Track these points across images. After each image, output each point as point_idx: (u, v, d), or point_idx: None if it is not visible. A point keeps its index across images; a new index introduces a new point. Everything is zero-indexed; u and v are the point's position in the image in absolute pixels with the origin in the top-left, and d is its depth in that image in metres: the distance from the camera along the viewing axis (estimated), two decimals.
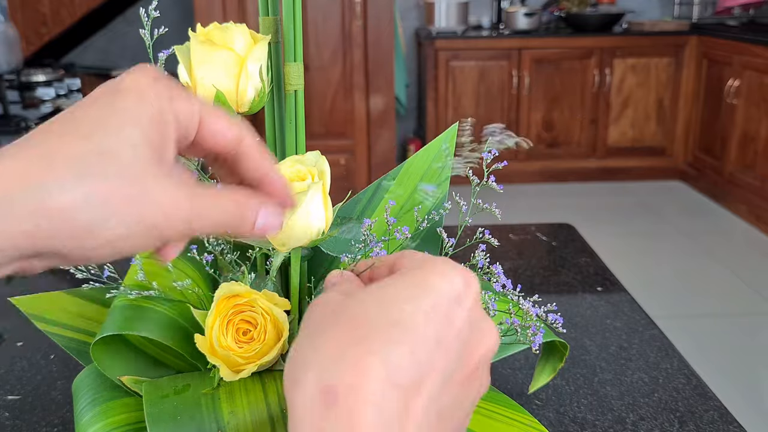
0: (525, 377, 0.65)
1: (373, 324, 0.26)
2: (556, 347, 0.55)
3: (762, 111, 3.28)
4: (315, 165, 0.40)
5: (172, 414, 0.38)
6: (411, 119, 4.34)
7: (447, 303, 0.27)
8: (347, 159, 3.46)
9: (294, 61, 0.43)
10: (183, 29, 0.48)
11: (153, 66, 0.30)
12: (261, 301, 0.42)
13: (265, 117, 0.46)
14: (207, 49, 0.40)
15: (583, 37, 3.87)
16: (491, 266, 0.44)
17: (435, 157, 0.51)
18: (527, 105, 3.92)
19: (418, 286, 0.27)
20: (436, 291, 0.27)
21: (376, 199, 0.51)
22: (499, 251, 0.95)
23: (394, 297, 0.27)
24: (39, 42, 3.18)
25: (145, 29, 0.43)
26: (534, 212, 3.55)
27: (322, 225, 0.40)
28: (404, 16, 4.14)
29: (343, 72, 3.35)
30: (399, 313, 0.26)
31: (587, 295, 0.83)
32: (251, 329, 0.41)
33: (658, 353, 0.70)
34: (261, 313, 0.41)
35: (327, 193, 0.40)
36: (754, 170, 3.35)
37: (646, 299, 1.72)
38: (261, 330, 0.41)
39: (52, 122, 0.27)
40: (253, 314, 0.41)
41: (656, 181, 4.04)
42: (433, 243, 0.49)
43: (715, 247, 3.13)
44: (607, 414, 0.60)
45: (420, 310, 0.26)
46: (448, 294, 0.27)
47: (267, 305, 0.41)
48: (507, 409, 0.44)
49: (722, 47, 3.60)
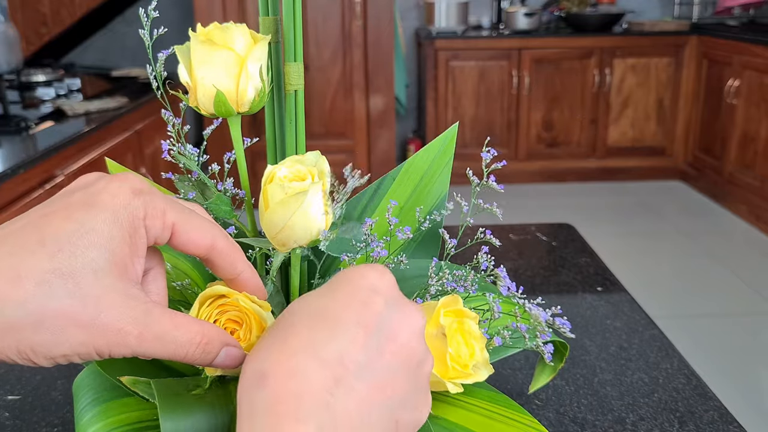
0: (525, 377, 0.65)
1: (296, 317, 0.29)
2: (556, 347, 0.55)
3: (762, 111, 3.28)
4: (315, 165, 0.40)
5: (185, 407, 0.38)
6: (411, 119, 4.34)
7: (363, 292, 0.30)
8: (347, 159, 3.46)
9: (294, 61, 0.43)
10: (183, 29, 0.48)
11: (134, 176, 0.31)
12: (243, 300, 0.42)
13: (265, 117, 0.46)
14: (207, 49, 0.40)
15: (583, 37, 3.87)
16: (496, 269, 0.44)
17: (435, 157, 0.51)
18: (527, 105, 3.92)
19: (334, 283, 0.31)
20: (351, 283, 0.30)
21: (376, 199, 0.51)
22: (499, 251, 0.95)
23: (314, 295, 0.31)
24: (39, 42, 3.18)
25: (144, 29, 0.43)
26: (534, 212, 3.55)
27: (322, 225, 0.40)
28: (404, 16, 4.14)
29: (343, 72, 3.35)
30: (318, 304, 0.30)
31: (587, 295, 0.83)
32: (237, 328, 0.41)
33: (658, 353, 0.70)
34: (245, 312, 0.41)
35: (327, 193, 0.40)
36: (754, 170, 3.35)
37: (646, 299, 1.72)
38: (246, 329, 0.41)
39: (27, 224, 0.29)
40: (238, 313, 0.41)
41: (656, 181, 4.04)
42: (433, 244, 0.49)
43: (715, 247, 3.13)
44: (607, 414, 0.60)
45: (337, 300, 0.30)
46: (362, 284, 0.30)
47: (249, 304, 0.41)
48: (507, 410, 0.44)
49: (722, 47, 3.60)
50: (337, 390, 0.27)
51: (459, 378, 0.37)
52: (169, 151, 0.45)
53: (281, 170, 0.39)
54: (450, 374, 0.37)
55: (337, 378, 0.27)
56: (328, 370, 0.27)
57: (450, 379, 0.37)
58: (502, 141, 3.94)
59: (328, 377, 0.27)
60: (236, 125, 0.43)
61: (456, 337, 0.38)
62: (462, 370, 0.37)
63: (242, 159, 0.45)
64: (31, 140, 1.82)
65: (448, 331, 0.37)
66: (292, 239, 0.39)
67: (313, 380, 0.26)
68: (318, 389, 0.26)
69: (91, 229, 0.28)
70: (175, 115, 0.45)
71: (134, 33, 3.81)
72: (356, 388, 0.27)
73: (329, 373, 0.27)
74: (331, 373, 0.27)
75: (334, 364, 0.27)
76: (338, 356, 0.27)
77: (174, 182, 0.45)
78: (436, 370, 0.37)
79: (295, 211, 0.38)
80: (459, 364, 0.37)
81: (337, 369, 0.27)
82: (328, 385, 0.27)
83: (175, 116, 0.45)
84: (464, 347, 0.38)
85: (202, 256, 0.34)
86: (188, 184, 0.45)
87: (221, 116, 0.42)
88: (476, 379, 0.38)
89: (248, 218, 0.46)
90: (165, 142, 0.45)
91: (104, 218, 0.29)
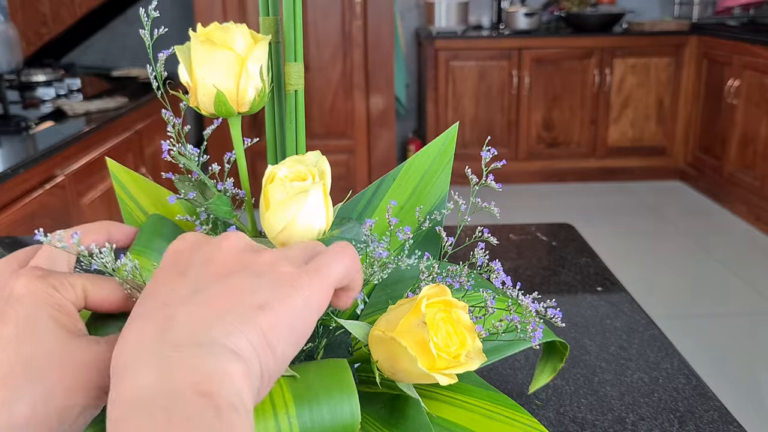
0: (525, 377, 0.65)
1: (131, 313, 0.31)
2: (556, 347, 0.55)
3: (762, 111, 3.28)
4: (315, 165, 0.40)
5: None
6: (411, 119, 4.34)
7: (168, 260, 0.32)
8: (347, 159, 3.46)
9: (294, 61, 0.43)
10: (183, 29, 0.48)
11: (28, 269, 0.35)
12: None
13: (266, 117, 0.46)
14: (208, 49, 0.40)
15: (583, 37, 3.87)
16: (491, 263, 0.44)
17: (435, 157, 0.51)
18: (527, 105, 3.92)
19: None
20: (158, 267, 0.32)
21: (375, 199, 0.51)
22: (499, 251, 0.95)
23: None
24: (39, 42, 3.18)
25: (145, 29, 0.43)
26: (534, 212, 3.55)
27: (322, 225, 0.40)
28: (404, 16, 4.14)
29: (343, 72, 3.35)
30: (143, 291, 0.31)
31: (587, 295, 0.83)
32: None
33: (658, 353, 0.70)
34: None
35: (328, 193, 0.40)
36: (754, 170, 3.35)
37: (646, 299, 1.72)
38: None
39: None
40: None
41: (656, 181, 4.04)
42: (433, 244, 0.49)
43: (715, 247, 3.13)
44: (607, 414, 0.60)
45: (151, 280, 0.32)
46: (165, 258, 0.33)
47: None
48: (507, 409, 0.44)
49: (722, 47, 3.60)
50: (170, 323, 0.27)
51: (450, 368, 0.37)
52: (169, 151, 0.45)
53: (282, 170, 0.39)
54: (438, 365, 0.37)
55: (168, 315, 0.28)
56: (155, 319, 0.28)
57: (440, 371, 0.37)
58: (502, 141, 3.94)
59: (158, 321, 0.28)
60: (236, 125, 0.43)
61: (445, 327, 0.37)
62: (452, 359, 0.37)
63: (242, 159, 0.45)
64: (31, 140, 1.82)
65: (432, 320, 0.37)
66: (293, 239, 0.39)
67: (142, 336, 0.27)
68: (150, 336, 0.27)
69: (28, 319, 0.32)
70: (175, 115, 0.45)
71: (135, 33, 3.81)
72: (191, 311, 0.28)
73: (158, 319, 0.28)
74: (159, 318, 0.28)
75: (160, 311, 0.28)
76: (163, 302, 0.29)
77: (174, 182, 0.45)
78: (422, 362, 0.37)
79: (297, 211, 0.38)
80: (448, 353, 0.37)
81: (164, 312, 0.28)
82: (158, 327, 0.27)
83: (176, 116, 0.45)
84: (454, 336, 0.38)
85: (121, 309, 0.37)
86: (188, 184, 0.45)
87: (221, 116, 0.42)
88: (468, 368, 0.37)
89: (248, 218, 0.46)
90: (165, 142, 0.45)
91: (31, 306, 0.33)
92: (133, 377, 0.26)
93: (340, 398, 0.36)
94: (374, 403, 0.42)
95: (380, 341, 0.38)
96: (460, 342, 0.37)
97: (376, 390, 0.42)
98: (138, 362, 0.26)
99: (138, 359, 0.26)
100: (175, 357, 0.26)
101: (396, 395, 0.41)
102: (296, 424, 0.35)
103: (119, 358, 0.27)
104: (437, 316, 0.37)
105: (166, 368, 0.25)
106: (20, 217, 1.61)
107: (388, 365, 0.39)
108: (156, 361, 0.26)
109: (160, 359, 0.26)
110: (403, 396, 0.41)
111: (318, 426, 0.35)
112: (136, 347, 0.27)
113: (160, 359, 0.26)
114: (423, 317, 0.37)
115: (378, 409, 0.41)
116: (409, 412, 0.40)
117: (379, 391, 0.41)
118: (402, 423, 0.40)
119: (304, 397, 0.35)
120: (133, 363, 0.26)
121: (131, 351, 0.27)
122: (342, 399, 0.36)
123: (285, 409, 0.35)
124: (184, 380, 0.25)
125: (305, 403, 0.35)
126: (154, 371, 0.25)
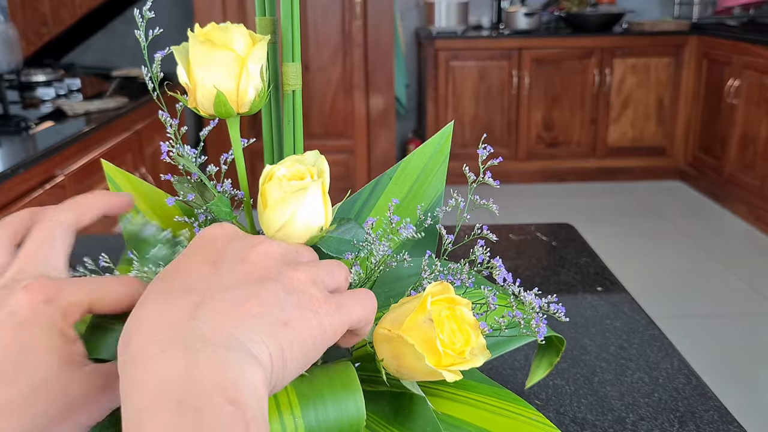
0: (525, 377, 0.65)
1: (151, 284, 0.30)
2: (552, 342, 0.55)
3: (762, 111, 3.28)
4: (314, 164, 0.40)
5: None
6: (411, 119, 4.34)
7: (204, 241, 0.32)
8: (347, 159, 3.46)
9: (292, 61, 0.43)
10: (183, 29, 0.48)
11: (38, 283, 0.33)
12: None
13: (262, 117, 0.46)
14: (207, 50, 0.40)
15: (583, 37, 3.87)
16: (492, 260, 0.44)
17: (431, 156, 0.51)
18: (527, 105, 3.92)
19: None
20: (194, 242, 0.32)
21: (373, 198, 0.51)
22: (499, 251, 0.95)
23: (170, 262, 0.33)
24: (39, 42, 3.18)
25: (141, 30, 0.43)
26: (534, 212, 3.55)
27: (321, 223, 0.40)
28: (404, 16, 4.14)
29: (343, 72, 3.35)
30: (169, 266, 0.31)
31: (587, 295, 0.83)
32: None
33: (658, 353, 0.69)
34: None
35: (327, 192, 0.40)
36: (753, 170, 3.35)
37: (646, 299, 1.72)
38: None
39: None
40: None
41: (656, 181, 4.04)
42: (430, 243, 0.49)
43: (715, 247, 3.13)
44: (607, 414, 0.60)
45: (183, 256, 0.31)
46: (203, 237, 0.32)
47: None
48: (511, 404, 0.44)
49: (722, 47, 3.60)
50: (197, 312, 0.27)
51: (455, 365, 0.37)
52: (169, 152, 0.45)
53: (280, 170, 0.39)
54: (444, 362, 0.37)
55: (196, 303, 0.27)
56: (182, 302, 0.28)
57: (445, 367, 0.37)
58: (502, 141, 3.94)
59: (186, 307, 0.27)
60: (235, 126, 0.43)
61: (450, 324, 0.38)
62: (457, 356, 0.37)
63: (241, 159, 0.45)
64: (31, 140, 1.82)
65: (438, 317, 0.37)
66: (292, 237, 0.39)
67: (168, 317, 0.27)
68: (177, 321, 0.27)
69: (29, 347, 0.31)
70: (173, 116, 0.45)
71: (134, 33, 3.81)
72: (218, 306, 0.27)
73: (186, 303, 0.27)
74: (187, 303, 0.27)
75: (188, 295, 0.28)
76: (191, 287, 0.28)
77: (173, 184, 0.45)
78: (429, 359, 0.37)
79: (296, 209, 0.38)
80: (453, 350, 0.37)
81: (193, 297, 0.28)
82: (187, 313, 0.27)
83: (173, 117, 0.45)
84: (459, 334, 0.38)
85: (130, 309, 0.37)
86: (187, 185, 0.45)
87: (221, 117, 0.42)
88: (473, 365, 0.37)
89: (247, 219, 0.46)
90: (164, 143, 0.45)
91: (35, 332, 0.32)
92: (159, 362, 0.25)
93: (345, 396, 0.36)
94: (378, 402, 0.42)
95: (386, 339, 0.38)
96: (465, 339, 0.38)
97: (378, 389, 0.42)
98: (163, 345, 0.26)
99: (162, 341, 0.26)
100: (202, 352, 0.25)
101: (399, 393, 0.41)
102: (302, 424, 0.34)
103: (140, 329, 0.27)
104: (442, 313, 0.37)
105: (192, 362, 0.25)
106: None
107: (394, 363, 0.39)
108: (184, 351, 0.25)
109: (187, 350, 0.25)
110: (407, 394, 0.41)
111: (323, 425, 0.35)
112: (161, 326, 0.27)
113: (188, 350, 0.25)
114: (429, 314, 0.37)
115: (383, 408, 0.41)
116: (415, 409, 0.40)
117: (382, 389, 0.41)
118: (409, 421, 0.40)
119: (309, 397, 0.35)
120: (158, 344, 0.26)
121: (154, 328, 0.27)
122: (346, 396, 0.36)
123: (290, 409, 0.35)
124: (210, 379, 0.25)
125: (310, 403, 0.35)
126: (181, 362, 0.25)
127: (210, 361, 0.25)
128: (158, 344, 0.26)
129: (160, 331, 0.26)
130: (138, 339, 0.27)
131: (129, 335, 0.27)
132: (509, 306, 0.44)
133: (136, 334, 0.27)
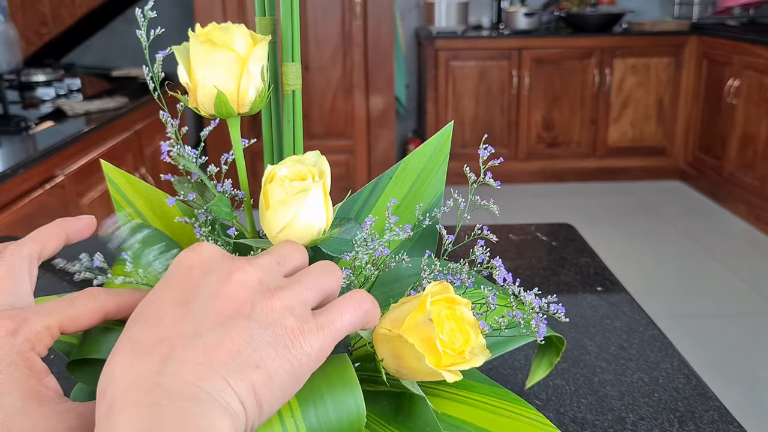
0: (525, 377, 0.65)
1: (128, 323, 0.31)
2: (552, 342, 0.55)
3: (762, 111, 3.28)
4: (315, 164, 0.40)
5: None
6: (411, 119, 4.34)
7: (179, 272, 0.31)
8: (347, 159, 3.46)
9: (292, 61, 0.43)
10: (183, 29, 0.48)
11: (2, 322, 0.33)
12: None
13: (262, 118, 0.46)
14: (208, 50, 0.40)
15: (583, 37, 3.87)
16: (492, 260, 0.44)
17: (431, 156, 0.51)
18: (527, 105, 3.92)
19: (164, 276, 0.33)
20: (170, 270, 0.32)
21: (372, 198, 0.51)
22: (499, 251, 0.95)
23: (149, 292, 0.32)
24: (39, 42, 3.18)
25: (143, 30, 0.43)
26: (534, 212, 3.55)
27: (322, 224, 0.40)
28: (404, 16, 4.14)
29: (343, 72, 3.35)
30: (144, 303, 0.31)
31: (587, 295, 0.83)
32: None
33: (658, 353, 0.70)
34: None
35: (327, 193, 0.40)
36: (753, 170, 3.35)
37: (646, 299, 1.72)
38: None
39: None
40: None
41: (656, 181, 4.04)
42: (429, 243, 0.49)
43: (715, 247, 3.13)
44: (607, 414, 0.60)
45: (157, 290, 0.31)
46: (178, 266, 0.32)
47: None
48: (511, 404, 0.44)
49: (722, 47, 3.60)
50: (165, 367, 0.27)
51: (455, 364, 0.37)
52: (169, 152, 0.45)
53: (281, 170, 0.39)
54: (444, 361, 0.37)
55: (164, 356, 0.27)
56: (151, 355, 0.28)
57: (445, 367, 0.37)
58: (502, 141, 3.94)
59: (154, 361, 0.27)
60: (236, 126, 0.43)
61: (449, 323, 0.38)
62: (457, 356, 0.37)
63: (241, 160, 0.45)
64: (31, 140, 1.82)
65: (437, 317, 0.37)
66: (293, 239, 0.39)
67: (137, 372, 0.27)
68: (145, 376, 0.27)
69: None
70: (174, 117, 0.45)
71: (135, 33, 3.80)
72: (187, 357, 0.27)
73: (154, 357, 0.27)
74: (156, 357, 0.27)
75: (158, 347, 0.28)
76: (160, 339, 0.28)
77: (173, 184, 0.45)
78: (429, 359, 0.37)
79: (297, 210, 0.38)
80: (453, 350, 0.37)
81: (161, 350, 0.28)
82: (154, 368, 0.27)
83: (174, 117, 0.45)
84: (458, 333, 0.38)
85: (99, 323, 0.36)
86: (187, 185, 0.45)
87: (221, 117, 0.42)
88: (473, 364, 0.37)
89: (247, 219, 0.46)
90: (164, 143, 0.45)
91: None
92: (125, 418, 0.26)
93: (344, 394, 0.36)
94: (378, 402, 0.42)
95: (386, 339, 0.38)
96: (465, 338, 0.38)
97: (378, 389, 0.42)
98: (128, 401, 0.26)
99: (128, 395, 0.26)
100: (166, 408, 0.26)
101: (399, 393, 0.41)
102: (303, 427, 0.34)
103: (111, 382, 0.27)
104: (442, 313, 0.37)
105: (158, 417, 0.26)
106: (20, 217, 1.61)
107: (394, 363, 0.39)
108: (148, 407, 0.26)
109: (152, 406, 0.26)
110: (407, 394, 0.41)
111: (325, 425, 0.35)
112: (130, 381, 0.27)
113: (151, 407, 0.26)
114: (429, 314, 0.37)
115: (383, 408, 0.41)
116: (415, 409, 0.40)
117: (381, 389, 0.41)
118: (409, 421, 0.40)
119: (308, 398, 0.35)
120: (123, 399, 0.26)
121: (123, 382, 0.27)
122: (345, 394, 0.36)
123: (290, 412, 0.35)
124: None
125: (310, 404, 0.35)
126: (144, 420, 0.25)
127: (176, 416, 0.26)
128: (127, 399, 0.26)
129: (130, 386, 0.27)
130: (111, 391, 0.27)
131: (104, 387, 0.28)
132: (509, 306, 0.44)
133: (109, 387, 0.27)
